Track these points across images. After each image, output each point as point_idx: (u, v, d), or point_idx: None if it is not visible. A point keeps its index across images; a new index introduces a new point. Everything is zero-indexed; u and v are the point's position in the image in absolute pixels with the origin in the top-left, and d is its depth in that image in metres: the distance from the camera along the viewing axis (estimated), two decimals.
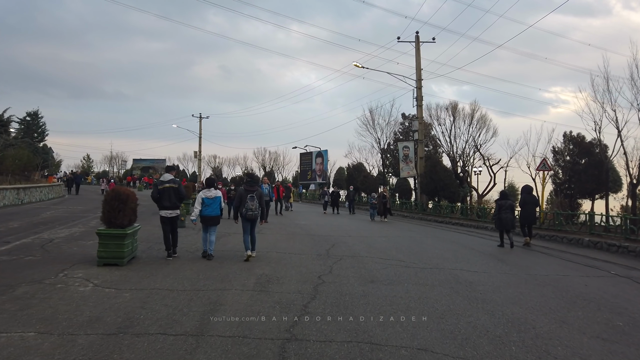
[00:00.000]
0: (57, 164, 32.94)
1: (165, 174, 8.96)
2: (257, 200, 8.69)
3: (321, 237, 12.99)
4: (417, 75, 27.10)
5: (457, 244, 12.94)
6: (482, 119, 24.89)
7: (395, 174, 35.48)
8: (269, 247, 10.67)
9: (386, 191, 20.91)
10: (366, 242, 12.22)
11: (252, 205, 8.59)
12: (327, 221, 19.43)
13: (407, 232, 15.86)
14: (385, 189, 21.09)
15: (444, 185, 23.23)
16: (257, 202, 8.66)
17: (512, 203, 12.41)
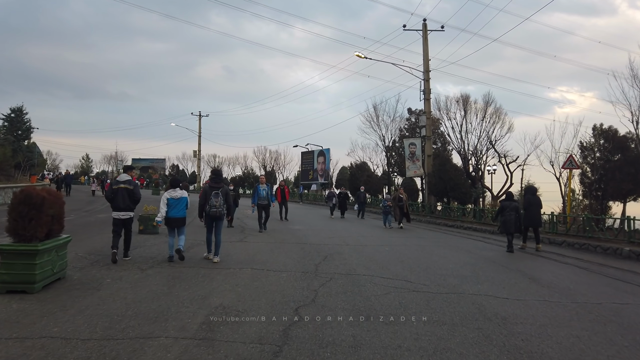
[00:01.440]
0: (42, 162, 31.25)
1: (122, 174, 8.58)
2: (223, 197, 8.43)
3: (313, 247, 11.01)
4: (424, 66, 25.06)
5: (474, 255, 10.91)
6: (496, 112, 22.85)
7: (400, 174, 33.40)
8: (246, 260, 8.71)
9: (403, 192, 17.86)
10: (366, 254, 10.23)
11: (217, 202, 8.33)
12: (326, 226, 17.43)
13: (414, 239, 13.83)
14: (402, 189, 18.38)
15: (455, 185, 21.17)
16: (222, 199, 8.39)
17: (517, 205, 11.88)
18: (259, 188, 13.90)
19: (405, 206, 17.46)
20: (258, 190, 13.87)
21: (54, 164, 75.93)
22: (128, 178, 8.30)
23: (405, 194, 18.25)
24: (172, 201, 8.33)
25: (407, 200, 18.30)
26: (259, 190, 13.80)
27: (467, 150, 22.83)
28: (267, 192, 13.98)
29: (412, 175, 27.66)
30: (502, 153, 20.84)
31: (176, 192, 8.45)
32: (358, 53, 24.55)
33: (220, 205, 8.37)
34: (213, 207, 8.34)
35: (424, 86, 24.90)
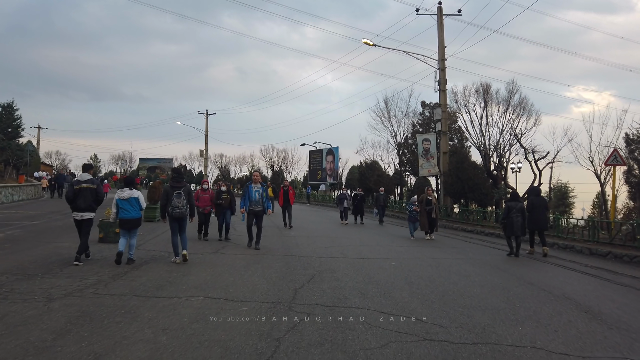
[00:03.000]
0: (36, 162, 29.79)
1: (83, 173, 8.22)
2: (185, 197, 8.18)
3: (302, 261, 8.91)
4: (439, 53, 22.75)
5: (503, 272, 8.67)
6: (521, 103, 20.40)
7: (413, 173, 31.05)
8: (205, 282, 6.64)
9: (431, 193, 14.31)
10: (365, 272, 8.07)
11: (179, 203, 8.09)
12: (327, 232, 15.28)
13: (427, 250, 11.60)
14: (430, 190, 14.67)
15: (474, 186, 18.84)
16: (184, 200, 8.15)
17: (522, 206, 11.31)
18: (250, 188, 10.22)
19: (434, 211, 13.89)
20: (249, 192, 10.20)
21: (63, 164, 75.45)
22: (89, 177, 8.04)
23: (435, 196, 14.92)
24: (120, 202, 7.88)
25: (437, 203, 14.68)
26: (250, 192, 10.18)
27: (488, 146, 20.40)
28: (262, 194, 10.20)
29: (426, 175, 25.33)
30: (529, 148, 18.43)
31: (124, 192, 7.95)
32: (366, 40, 22.37)
33: (184, 206, 8.10)
34: (176, 208, 8.05)
35: (439, 76, 22.58)
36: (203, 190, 11.67)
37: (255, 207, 10.17)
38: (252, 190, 10.19)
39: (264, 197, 10.25)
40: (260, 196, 10.18)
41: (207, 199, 11.51)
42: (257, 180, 10.38)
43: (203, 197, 11.50)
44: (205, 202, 11.44)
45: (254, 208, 10.16)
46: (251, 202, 10.14)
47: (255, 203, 10.15)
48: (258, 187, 10.26)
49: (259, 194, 10.18)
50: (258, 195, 10.16)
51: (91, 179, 8.04)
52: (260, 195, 10.18)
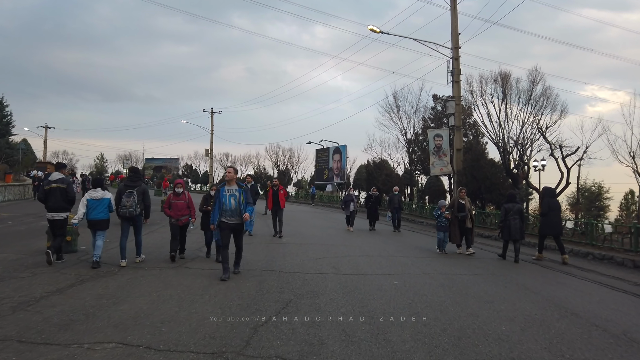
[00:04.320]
0: (28, 161, 28.60)
1: (54, 172, 8.15)
2: (138, 197, 7.80)
3: (281, 279, 7.16)
4: (452, 41, 20.78)
5: (536, 296, 6.80)
6: (545, 93, 18.32)
7: (424, 172, 29.05)
8: (137, 314, 4.93)
9: (464, 195, 11.35)
10: (358, 296, 6.27)
11: (127, 202, 7.71)
12: (323, 239, 13.50)
13: (437, 263, 9.74)
14: (464, 192, 11.58)
15: (491, 185, 16.90)
16: (134, 199, 7.75)
17: (520, 207, 10.72)
18: (221, 193, 7.07)
19: (469, 219, 10.96)
20: (220, 198, 7.06)
21: (70, 163, 74.94)
22: (61, 177, 7.93)
23: (469, 199, 11.65)
24: (92, 202, 7.62)
25: (472, 207, 11.49)
26: (222, 198, 7.05)
27: (507, 141, 18.38)
28: (238, 200, 7.05)
29: (438, 174, 23.37)
30: (556, 143, 16.38)
31: (97, 192, 7.72)
32: (373, 27, 20.50)
33: (132, 206, 7.74)
34: (123, 207, 7.72)
35: (452, 66, 20.60)
36: (176, 195, 8.66)
37: (230, 220, 7.00)
38: (224, 196, 7.02)
39: (242, 203, 7.02)
40: (237, 203, 7.02)
41: (181, 206, 8.58)
42: (231, 178, 7.17)
43: (176, 204, 8.54)
44: (179, 211, 8.54)
45: (229, 220, 7.01)
46: (224, 212, 7.01)
47: (230, 213, 7.00)
48: (233, 189, 7.06)
49: (234, 199, 7.01)
50: (234, 201, 7.00)
51: (62, 179, 7.92)
52: (236, 201, 7.02)
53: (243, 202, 7.08)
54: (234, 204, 7.04)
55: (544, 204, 10.64)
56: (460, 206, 11.09)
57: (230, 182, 7.17)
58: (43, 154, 62.35)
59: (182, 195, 8.68)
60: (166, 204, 8.61)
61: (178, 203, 8.57)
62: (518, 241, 10.42)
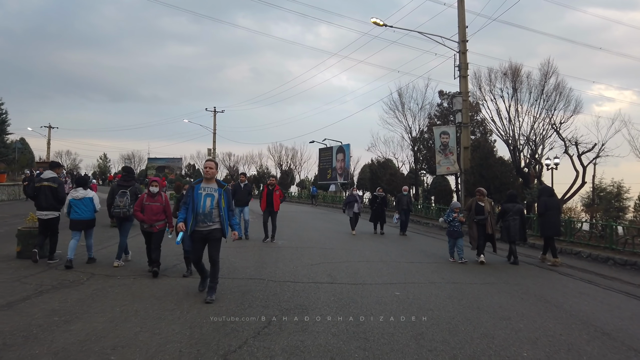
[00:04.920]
0: (23, 160, 28.00)
1: (47, 170, 8.02)
2: (130, 197, 7.60)
3: (269, 289, 6.36)
4: (460, 34, 19.87)
5: (558, 310, 5.95)
6: (557, 87, 17.31)
7: (430, 171, 28.12)
8: (86, 338, 4.16)
9: (483, 197, 9.91)
10: (351, 311, 5.45)
11: (121, 202, 7.53)
12: (322, 243, 12.65)
13: (445, 269, 8.88)
14: (482, 192, 9.96)
15: (501, 185, 16.00)
16: (127, 199, 7.56)
17: (520, 207, 10.25)
18: (195, 191, 5.63)
19: (489, 224, 9.64)
20: (193, 197, 5.61)
21: (73, 163, 74.71)
22: (53, 175, 7.84)
23: (489, 200, 10.10)
24: (73, 202, 7.50)
25: (492, 211, 10.07)
26: (196, 197, 5.60)
27: (518, 138, 17.41)
28: (218, 201, 5.63)
29: (444, 173, 22.46)
30: (572, 140, 15.35)
31: (78, 192, 7.58)
32: (376, 19, 19.65)
33: (125, 206, 7.54)
34: (117, 207, 7.55)
35: (459, 60, 19.69)
36: (150, 196, 7.14)
37: (203, 226, 5.56)
38: (199, 195, 5.56)
39: (222, 207, 5.60)
40: (213, 205, 5.56)
41: (156, 210, 7.08)
42: (210, 175, 5.68)
43: (150, 207, 7.05)
44: (153, 215, 7.06)
45: (202, 227, 5.56)
46: (197, 216, 5.53)
47: (203, 218, 5.53)
48: (212, 188, 5.62)
49: (212, 200, 5.56)
50: (210, 203, 5.55)
51: (53, 178, 7.80)
52: (214, 202, 5.57)
53: (224, 205, 5.61)
54: (210, 206, 5.54)
55: (541, 204, 10.26)
56: (478, 208, 9.71)
57: (210, 180, 5.69)
58: (46, 153, 62.09)
59: (158, 197, 7.23)
60: (137, 204, 7.19)
61: (152, 206, 7.11)
62: (515, 242, 10.06)
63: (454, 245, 9.74)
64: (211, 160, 6.08)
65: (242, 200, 11.57)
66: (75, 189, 7.69)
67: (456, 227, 9.71)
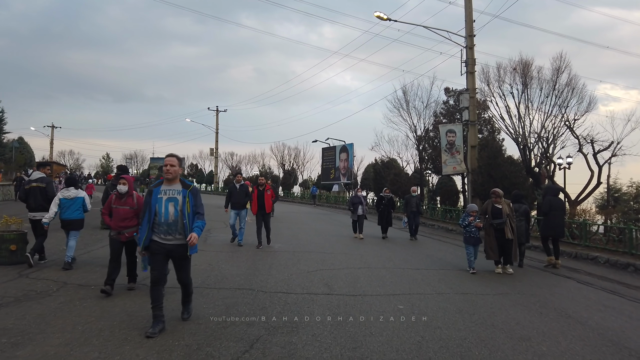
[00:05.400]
0: (20, 159, 27.53)
1: (35, 172, 8.05)
2: None
3: (257, 302, 5.71)
4: (467, 29, 19.14)
5: (584, 328, 5.25)
6: (570, 83, 16.49)
7: (436, 171, 27.37)
8: None
9: (500, 200, 8.84)
10: (348, 331, 4.77)
11: None
12: (328, 246, 11.98)
13: (453, 277, 8.18)
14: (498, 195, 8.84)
15: (510, 186, 15.22)
16: None
17: (527, 208, 9.85)
18: (154, 196, 4.52)
19: (509, 229, 8.50)
20: (151, 203, 4.51)
21: (76, 163, 74.57)
22: (41, 175, 7.81)
23: (507, 202, 8.96)
24: (64, 201, 7.36)
25: (513, 214, 8.88)
26: (154, 203, 4.50)
27: (528, 137, 16.62)
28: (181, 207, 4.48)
29: (451, 173, 21.72)
30: (586, 138, 14.50)
31: (70, 191, 7.45)
32: (379, 14, 18.95)
33: None
34: None
35: (466, 55, 18.96)
36: (119, 198, 6.07)
37: (167, 238, 4.48)
38: (158, 200, 4.49)
39: (186, 214, 4.47)
40: (177, 212, 4.46)
41: (126, 214, 6.01)
42: (171, 175, 4.52)
43: (118, 211, 6.00)
44: (122, 220, 5.99)
45: (164, 240, 4.48)
46: (158, 226, 4.48)
47: (166, 228, 4.47)
48: (174, 191, 4.52)
49: (176, 205, 4.47)
50: (173, 209, 4.46)
51: (41, 178, 7.75)
52: (177, 209, 4.47)
53: (189, 211, 4.48)
54: (174, 213, 4.44)
55: (545, 203, 9.82)
56: (495, 212, 8.65)
57: (172, 181, 4.54)
58: (49, 153, 61.91)
59: (128, 199, 6.04)
60: (106, 206, 6.24)
61: (120, 210, 5.99)
62: (523, 244, 9.63)
63: (474, 253, 8.61)
64: (172, 155, 4.63)
65: (238, 203, 10.65)
66: (66, 189, 7.53)
67: (473, 233, 8.64)
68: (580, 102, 16.16)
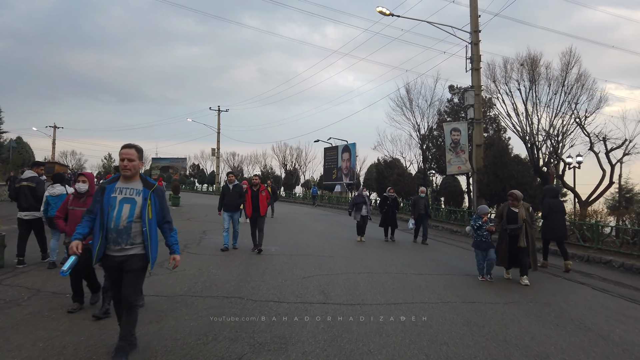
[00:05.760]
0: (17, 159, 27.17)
1: (27, 170, 8.10)
2: None
3: (246, 311, 5.21)
4: (472, 24, 18.59)
5: (606, 343, 4.70)
6: (580, 78, 15.89)
7: (440, 171, 26.81)
8: None
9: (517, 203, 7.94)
10: (344, 345, 4.27)
11: None
12: (327, 249, 11.46)
13: (460, 284, 7.65)
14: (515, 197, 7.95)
15: (517, 186, 14.66)
16: None
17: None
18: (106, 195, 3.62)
19: (526, 236, 7.66)
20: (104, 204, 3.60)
21: (78, 163, 74.38)
22: (32, 175, 7.70)
23: (526, 206, 8.02)
24: (50, 199, 7.09)
25: (532, 219, 8.02)
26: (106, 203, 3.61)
27: (536, 135, 16.03)
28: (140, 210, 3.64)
29: (455, 172, 21.14)
30: (599, 136, 13.88)
31: (55, 188, 7.21)
32: (382, 9, 18.41)
33: None
34: None
35: (471, 51, 18.41)
36: (77, 197, 5.34)
37: (117, 249, 3.64)
38: (111, 200, 3.63)
39: (146, 220, 3.65)
40: (134, 215, 3.64)
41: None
42: (129, 171, 3.67)
43: (75, 213, 5.20)
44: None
45: (116, 251, 3.64)
46: (108, 233, 3.61)
47: (118, 235, 3.61)
48: (132, 190, 3.68)
49: (132, 208, 3.64)
50: (130, 212, 3.62)
51: (32, 177, 7.67)
52: (133, 212, 3.63)
53: (150, 216, 3.64)
54: (127, 217, 3.56)
55: (544, 205, 9.59)
56: (511, 215, 7.82)
57: (130, 178, 3.68)
58: (51, 153, 61.69)
59: (88, 199, 5.13)
60: (61, 209, 5.43)
61: (78, 211, 5.15)
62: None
63: (484, 259, 7.87)
64: (130, 146, 3.66)
65: (231, 205, 9.78)
66: (52, 186, 7.30)
67: (484, 237, 7.88)
68: (590, 98, 15.55)
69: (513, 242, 7.75)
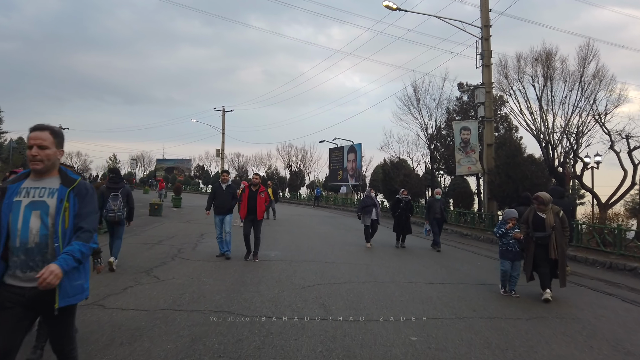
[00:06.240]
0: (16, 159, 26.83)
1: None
2: (123, 199, 7.38)
3: (234, 330, 4.59)
4: (482, 19, 17.87)
5: None
6: (597, 74, 15.09)
7: (448, 172, 26.03)
8: None
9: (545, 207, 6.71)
10: None
11: (114, 206, 7.27)
12: (330, 255, 10.80)
13: (476, 295, 6.95)
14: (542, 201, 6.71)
15: (532, 187, 13.88)
16: (120, 202, 7.32)
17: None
18: (6, 199, 2.51)
19: (553, 245, 6.60)
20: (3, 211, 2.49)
21: (84, 164, 74.43)
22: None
23: (555, 210, 6.78)
24: None
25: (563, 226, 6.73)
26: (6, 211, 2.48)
27: (551, 133, 15.27)
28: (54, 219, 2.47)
29: (466, 173, 20.39)
30: (621, 134, 13.06)
31: None
32: (388, 3, 17.74)
33: (120, 209, 7.29)
34: (111, 212, 7.24)
35: (482, 47, 17.68)
36: None
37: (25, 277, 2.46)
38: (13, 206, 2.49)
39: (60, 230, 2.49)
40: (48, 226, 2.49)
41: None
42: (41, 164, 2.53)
43: None
44: None
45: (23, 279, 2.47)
46: (11, 254, 2.48)
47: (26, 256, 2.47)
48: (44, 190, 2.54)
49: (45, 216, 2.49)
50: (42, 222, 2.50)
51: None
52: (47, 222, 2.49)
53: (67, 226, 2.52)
54: (38, 230, 2.48)
55: None
56: (537, 222, 6.72)
57: (44, 173, 2.57)
58: None
59: None
60: None
61: None
62: None
63: (509, 271, 6.87)
64: (43, 127, 2.58)
65: (223, 207, 8.93)
66: None
67: (511, 246, 6.88)
68: (609, 95, 14.74)
69: (540, 251, 6.72)
